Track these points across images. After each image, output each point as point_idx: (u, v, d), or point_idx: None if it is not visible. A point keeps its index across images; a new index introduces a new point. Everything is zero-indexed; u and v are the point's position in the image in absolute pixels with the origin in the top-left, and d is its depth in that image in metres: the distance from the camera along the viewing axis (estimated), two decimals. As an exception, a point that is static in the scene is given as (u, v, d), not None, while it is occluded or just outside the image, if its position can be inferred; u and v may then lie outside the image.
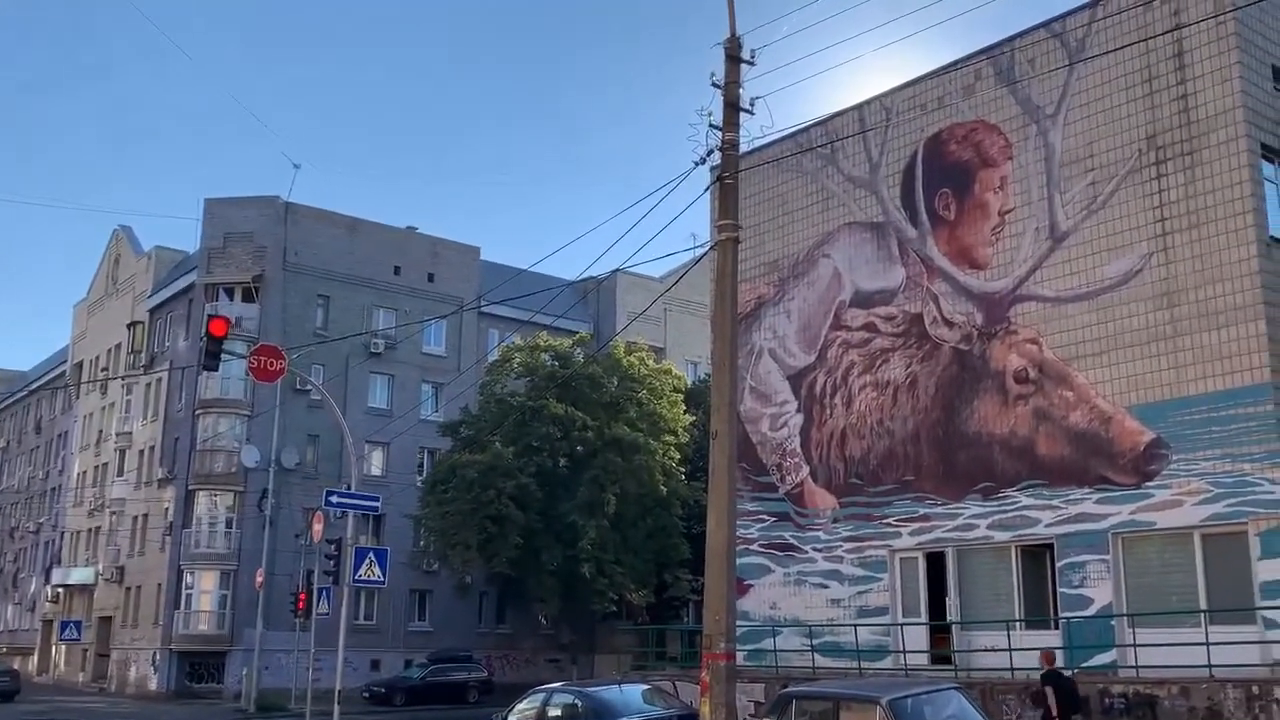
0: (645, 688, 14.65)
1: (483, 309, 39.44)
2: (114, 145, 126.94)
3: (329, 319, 39.01)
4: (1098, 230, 16.51)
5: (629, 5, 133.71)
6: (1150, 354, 15.69)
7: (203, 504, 37.74)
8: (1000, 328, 17.58)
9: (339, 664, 18.65)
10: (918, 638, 18.20)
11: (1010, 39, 18.04)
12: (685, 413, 34.81)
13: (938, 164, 18.94)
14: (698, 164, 12.03)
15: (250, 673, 30.81)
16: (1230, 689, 13.31)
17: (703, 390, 34.89)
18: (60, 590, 47.50)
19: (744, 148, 12.32)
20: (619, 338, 35.20)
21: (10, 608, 55.54)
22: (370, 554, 18.38)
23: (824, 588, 19.64)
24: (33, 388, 58.89)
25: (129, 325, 44.11)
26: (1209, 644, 13.78)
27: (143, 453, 41.91)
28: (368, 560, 18.06)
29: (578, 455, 32.89)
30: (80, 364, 50.78)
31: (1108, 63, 16.32)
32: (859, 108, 20.51)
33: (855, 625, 18.60)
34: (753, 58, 12.12)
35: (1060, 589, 16.34)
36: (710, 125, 11.92)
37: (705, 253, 18.36)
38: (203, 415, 38.08)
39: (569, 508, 31.99)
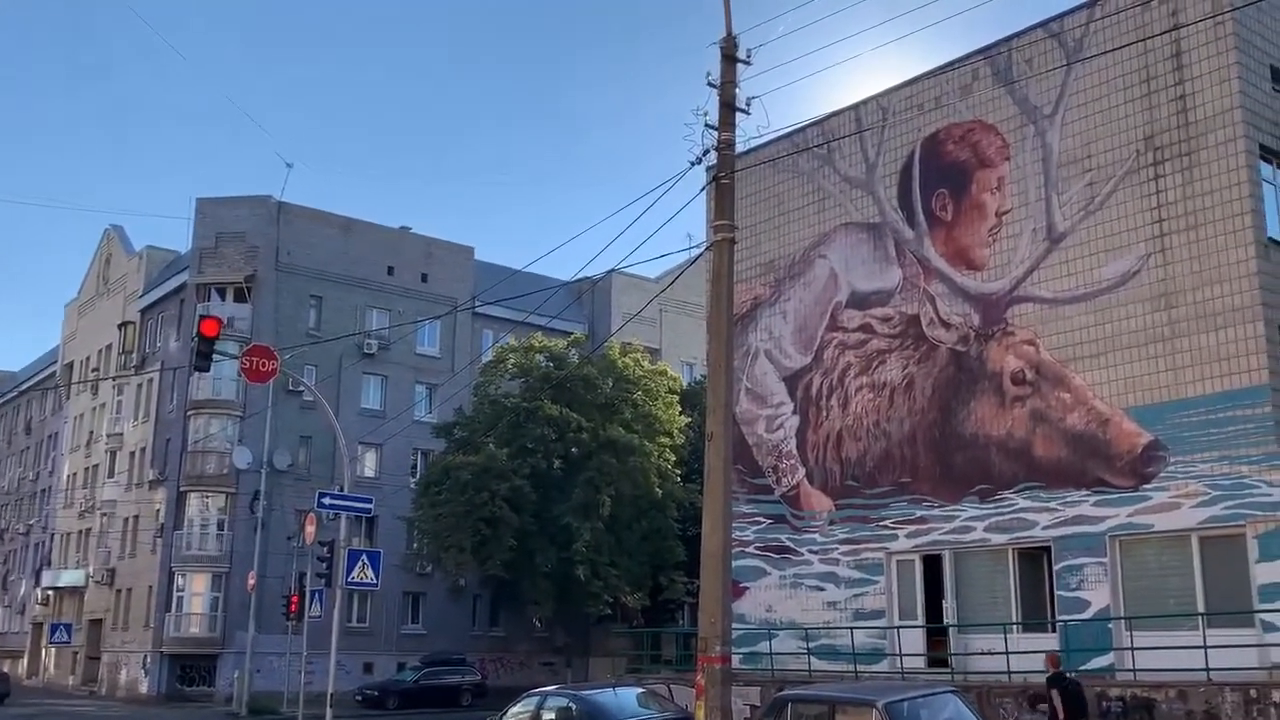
0: (640, 691, 14.60)
1: (477, 309, 39.26)
2: (106, 145, 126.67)
3: (322, 319, 38.82)
4: (1095, 231, 16.47)
5: (625, 5, 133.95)
6: (1148, 355, 15.65)
7: (194, 506, 37.50)
8: (997, 329, 17.52)
9: (331, 667, 18.52)
10: (914, 640, 18.14)
11: (1008, 39, 18.00)
12: (681, 414, 34.71)
13: (935, 164, 18.87)
14: (694, 164, 12.03)
15: (242, 676, 30.60)
16: (1228, 692, 13.27)
17: (698, 392, 34.75)
18: (50, 592, 47.18)
19: (740, 148, 12.30)
20: (614, 339, 35.11)
21: (0, 610, 55.19)
22: (363, 556, 18.30)
23: (820, 590, 19.56)
24: (23, 388, 58.54)
25: (120, 325, 43.85)
26: (1206, 647, 13.76)
27: (134, 454, 41.66)
28: (360, 562, 17.99)
29: (572, 457, 32.74)
30: (71, 364, 50.46)
31: (1106, 63, 16.28)
32: (856, 108, 20.45)
33: (851, 628, 18.53)
34: (749, 58, 12.08)
35: (1057, 591, 16.29)
36: (706, 125, 11.91)
37: (701, 253, 18.17)
38: (194, 416, 37.85)
39: (563, 510, 31.85)
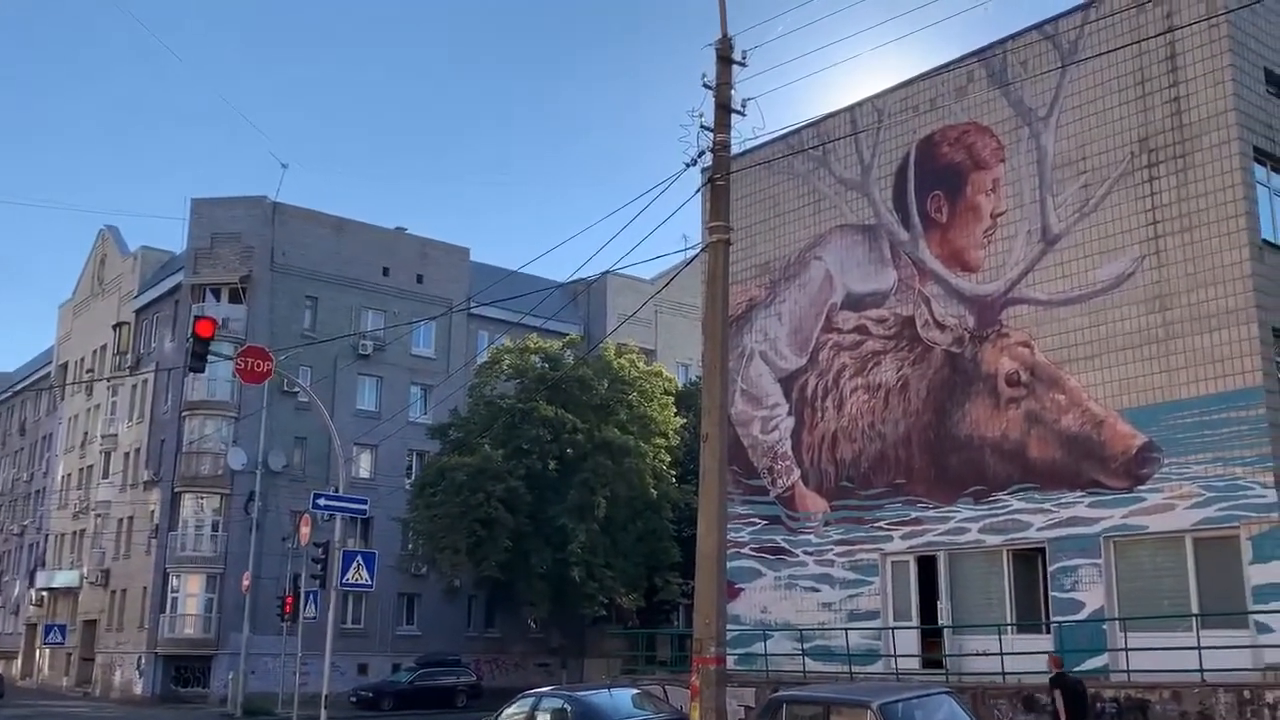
0: (635, 692, 14.61)
1: (472, 310, 39.20)
2: (102, 145, 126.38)
3: (317, 320, 38.73)
4: (1090, 233, 16.49)
5: (621, 6, 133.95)
6: (1142, 357, 15.68)
7: (189, 506, 37.39)
8: (992, 330, 17.54)
9: (326, 668, 18.54)
10: (909, 642, 18.15)
11: (1003, 40, 18.03)
12: (676, 415, 34.69)
13: (930, 166, 18.89)
14: (689, 165, 11.99)
15: (236, 677, 30.56)
16: (1222, 693, 13.30)
17: (693, 393, 34.73)
18: (44, 593, 47.00)
19: (735, 149, 12.26)
20: (609, 340, 35.07)
21: (-7, 611, 55.01)
22: (358, 557, 18.33)
23: (815, 591, 19.57)
24: (17, 389, 58.34)
25: (115, 326, 43.70)
26: (1200, 648, 13.79)
27: (128, 455, 41.53)
28: (355, 563, 18.01)
29: (568, 458, 32.70)
30: (65, 365, 50.31)
31: (1100, 65, 16.31)
32: (851, 109, 20.47)
33: (846, 629, 18.54)
34: (744, 59, 12.06)
35: (1052, 593, 16.31)
36: (702, 127, 11.87)
37: (696, 255, 18.18)
38: (189, 417, 37.75)
39: (559, 511, 31.80)
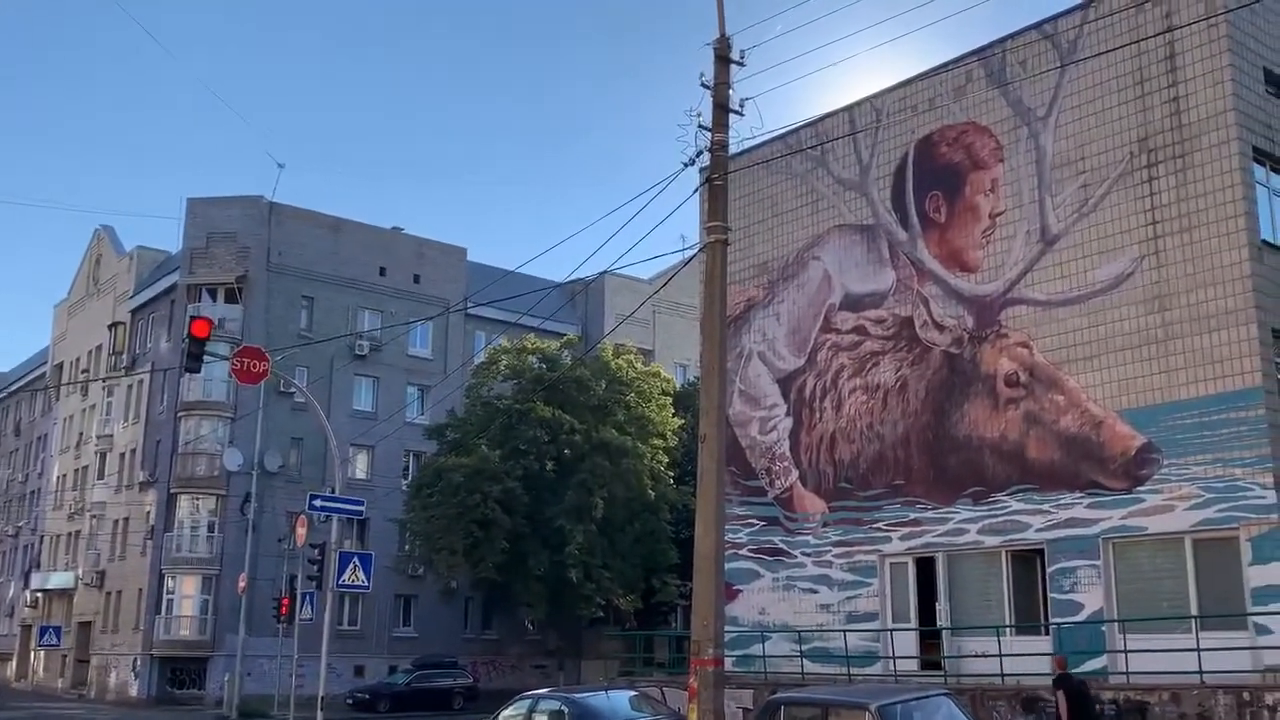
0: (633, 694, 14.53)
1: (469, 311, 39.10)
2: (97, 145, 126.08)
3: (313, 320, 38.61)
4: (1089, 233, 16.46)
5: (619, 5, 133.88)
6: (1141, 358, 15.64)
7: (184, 508, 37.26)
8: (991, 331, 17.50)
9: (322, 670, 18.47)
10: (907, 643, 18.10)
11: (1002, 40, 17.99)
12: (674, 416, 34.61)
13: (928, 166, 18.84)
14: (687, 165, 11.94)
15: (232, 679, 30.41)
16: (1221, 695, 13.27)
17: (691, 393, 34.67)
18: (39, 595, 46.88)
19: (733, 149, 12.20)
20: (607, 340, 34.98)
21: (-12, 613, 54.82)
22: (354, 559, 18.30)
23: (813, 593, 19.51)
24: (12, 389, 58.20)
25: (110, 326, 43.58)
26: (1200, 650, 13.76)
27: (124, 455, 41.41)
28: (352, 565, 17.97)
29: (565, 459, 32.60)
30: (60, 365, 50.17)
31: (1099, 65, 16.27)
32: (849, 109, 20.42)
33: (845, 630, 18.48)
34: (742, 58, 12.03)
35: (1051, 594, 16.27)
36: (699, 126, 11.82)
37: (694, 255, 18.14)
38: (185, 418, 37.62)
39: (556, 512, 31.72)
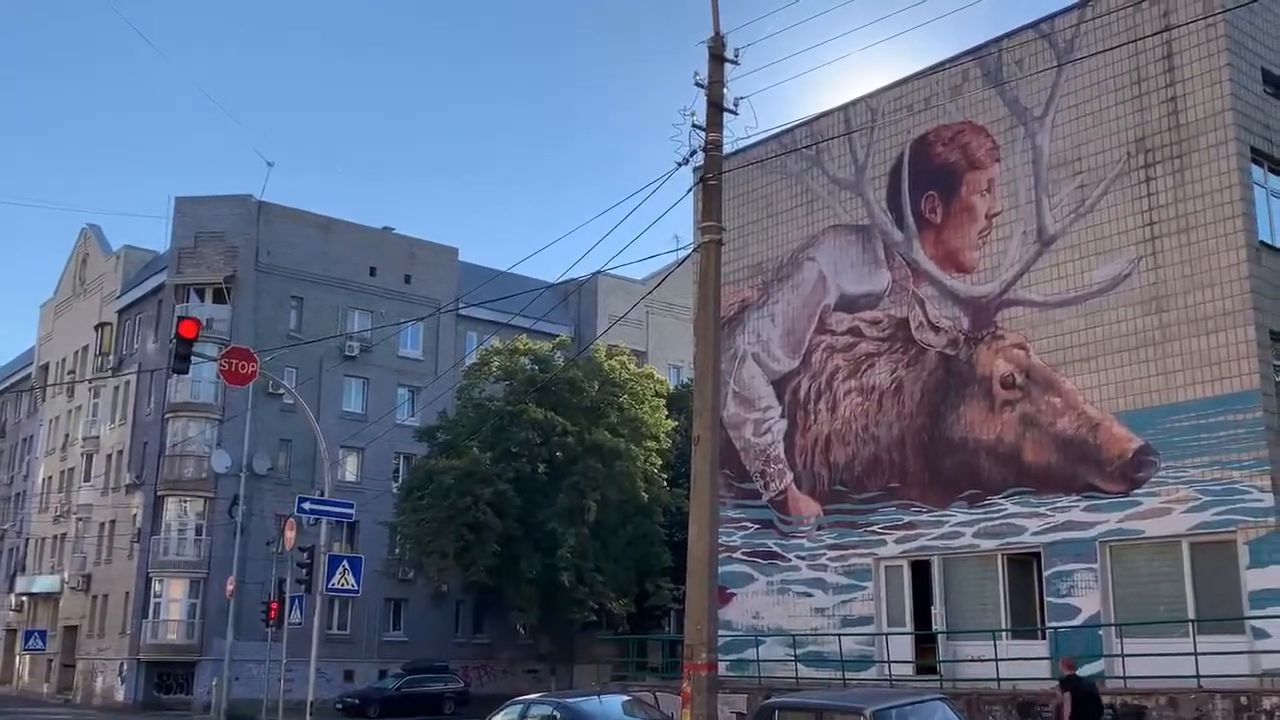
0: (626, 699, 14.41)
1: (460, 311, 38.87)
2: (84, 143, 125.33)
3: (302, 321, 38.37)
4: (1086, 234, 16.39)
5: (613, 4, 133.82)
6: (1138, 360, 15.56)
7: (172, 510, 36.97)
8: (987, 332, 17.40)
9: (311, 675, 18.39)
10: (903, 647, 18.02)
11: (998, 39, 17.92)
12: (667, 418, 34.49)
13: (924, 166, 18.75)
14: (680, 164, 11.95)
15: (220, 683, 30.15)
16: (1219, 699, 13.24)
17: (685, 395, 34.59)
18: (24, 599, 46.53)
19: (728, 148, 12.24)
20: (600, 341, 34.85)
21: (-27, 616, 54.29)
22: (344, 562, 18.33)
23: (808, 596, 19.39)
24: (-2, 390, 57.71)
25: (97, 326, 43.23)
26: (1197, 654, 13.71)
27: (110, 457, 41.08)
28: (341, 568, 17.96)
29: (557, 461, 32.44)
30: (46, 366, 49.81)
31: (1097, 64, 16.21)
32: (845, 109, 20.33)
33: (839, 635, 18.37)
34: (737, 57, 12.04)
35: (1047, 598, 16.20)
36: (693, 125, 11.84)
37: (688, 255, 18.08)
38: (172, 419, 37.34)
39: (548, 515, 31.57)
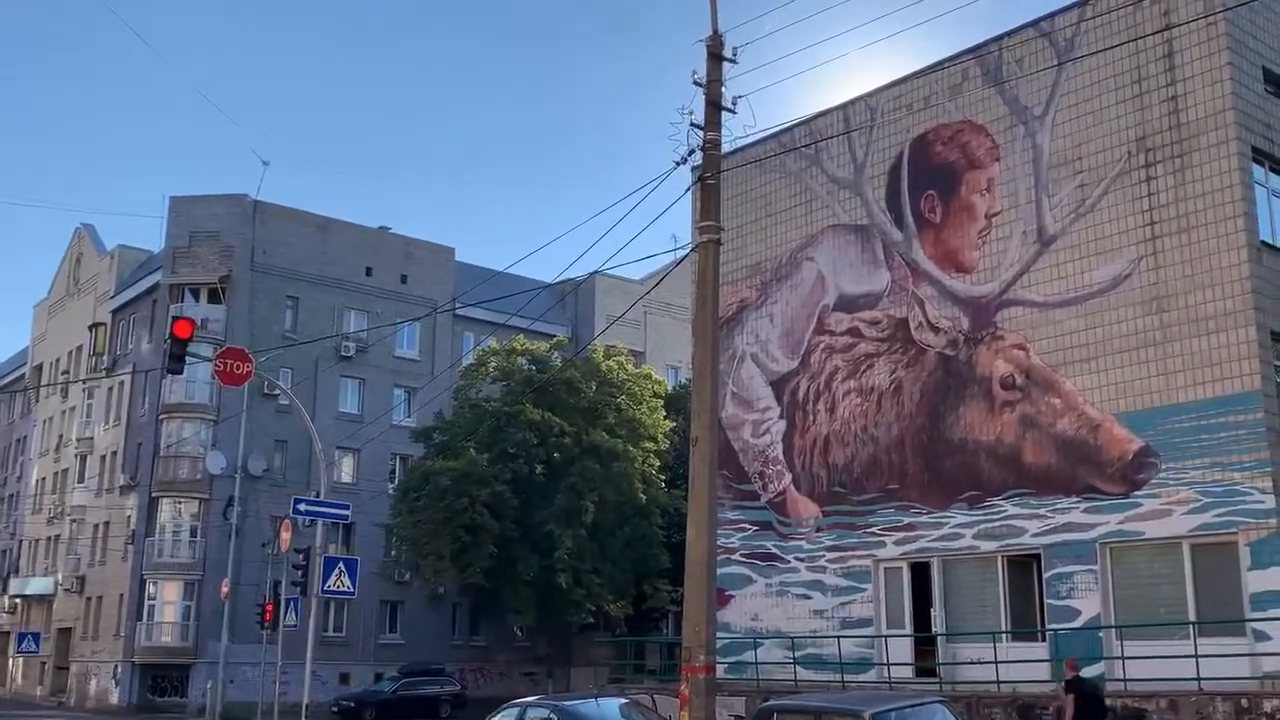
0: (623, 701, 14.31)
1: (457, 311, 38.78)
2: (79, 143, 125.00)
3: (298, 321, 38.22)
4: (1086, 234, 16.32)
5: (611, 4, 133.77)
6: (1139, 360, 15.50)
7: (166, 512, 36.81)
8: (987, 333, 17.33)
9: (307, 677, 18.32)
10: (902, 650, 17.95)
11: (998, 38, 17.87)
12: (665, 419, 34.40)
13: (924, 165, 18.68)
14: (679, 164, 11.93)
15: (215, 686, 30.02)
16: (1219, 702, 13.21)
17: (683, 396, 34.48)
18: (18, 600, 46.36)
19: (726, 147, 12.21)
20: (597, 341, 34.78)
21: (-34, 619, 54.06)
22: (339, 564, 18.29)
23: (807, 598, 19.30)
24: (-8, 391, 57.48)
25: (91, 327, 43.10)
26: (1198, 656, 13.67)
27: (104, 458, 40.91)
28: (337, 570, 17.92)
29: (554, 462, 32.34)
30: (40, 366, 49.62)
31: (1097, 63, 16.15)
32: (844, 107, 20.26)
33: (838, 637, 18.30)
34: (735, 55, 12.01)
35: (1047, 600, 16.14)
36: (692, 124, 11.82)
37: (686, 255, 18.01)
38: (167, 420, 37.19)
39: (545, 516, 31.46)
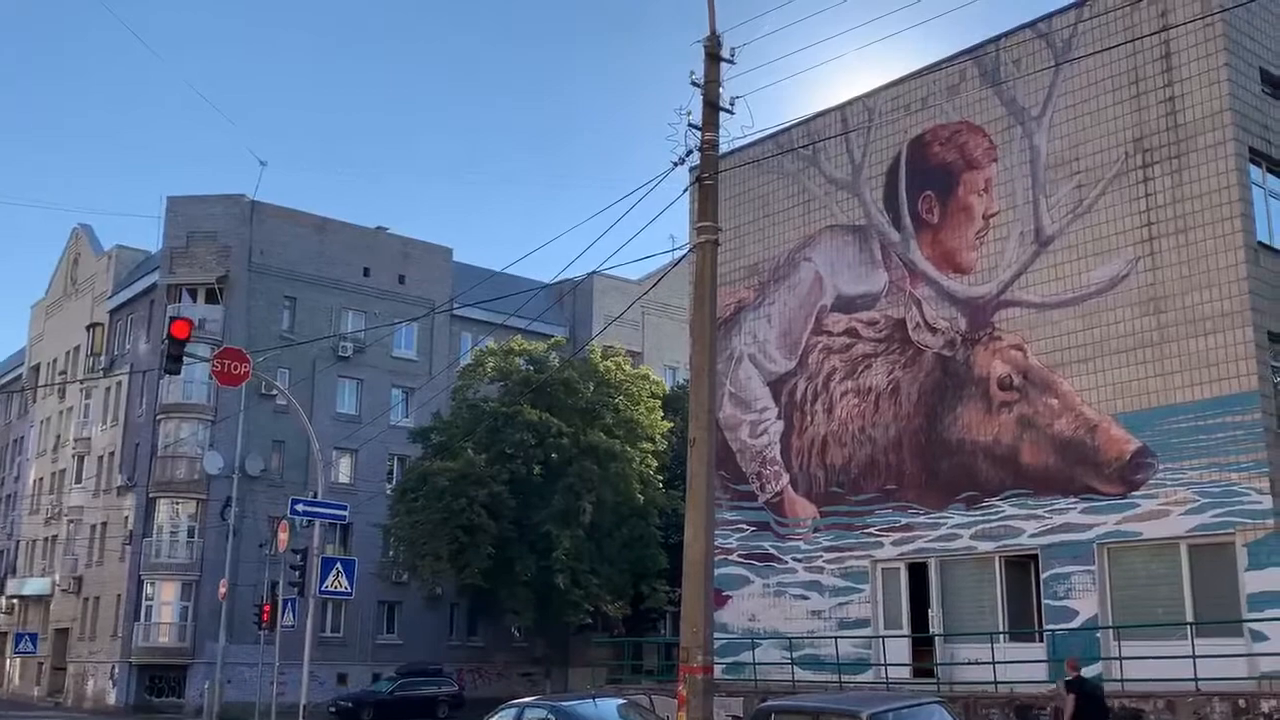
0: (621, 702, 14.31)
1: (455, 312, 38.75)
2: (77, 143, 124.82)
3: (296, 321, 38.17)
4: (1084, 235, 16.33)
5: (610, 4, 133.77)
6: (1136, 361, 15.51)
7: (164, 512, 36.74)
8: (984, 333, 17.34)
9: (304, 678, 18.30)
10: (900, 650, 17.95)
11: (995, 39, 17.88)
12: (663, 419, 34.38)
13: (921, 166, 18.68)
14: (677, 164, 11.93)
15: (212, 687, 29.96)
16: (1217, 702, 13.21)
17: (681, 396, 34.44)
18: (15, 601, 46.25)
19: (724, 148, 12.20)
20: (595, 342, 34.77)
21: (-37, 619, 53.96)
22: (337, 564, 18.26)
23: (804, 599, 19.30)
24: (-11, 391, 57.38)
25: (88, 327, 43.02)
26: (1195, 656, 13.67)
27: (101, 459, 40.84)
28: (334, 571, 17.90)
29: (552, 463, 32.31)
30: (37, 366, 49.51)
31: (1094, 64, 16.16)
32: (841, 108, 20.26)
33: (836, 637, 18.31)
34: (733, 56, 12.01)
35: (1045, 601, 16.15)
36: (689, 125, 11.83)
37: (684, 255, 17.98)
38: (164, 420, 37.12)
39: (543, 517, 31.44)
